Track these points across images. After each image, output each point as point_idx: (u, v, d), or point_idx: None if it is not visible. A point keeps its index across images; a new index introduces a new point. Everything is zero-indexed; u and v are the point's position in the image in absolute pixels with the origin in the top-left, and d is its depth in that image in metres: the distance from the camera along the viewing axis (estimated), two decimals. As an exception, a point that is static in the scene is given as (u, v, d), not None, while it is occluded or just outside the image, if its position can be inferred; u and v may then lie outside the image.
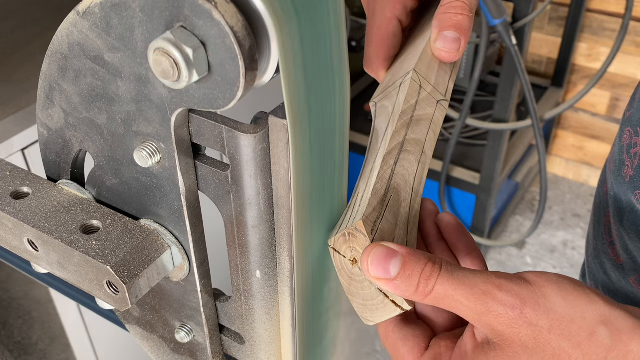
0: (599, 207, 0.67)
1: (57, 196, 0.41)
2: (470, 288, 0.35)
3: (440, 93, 0.46)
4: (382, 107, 0.46)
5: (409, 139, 0.43)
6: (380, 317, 0.39)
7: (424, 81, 0.46)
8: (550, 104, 2.24)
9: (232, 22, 0.28)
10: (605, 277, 0.64)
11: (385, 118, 0.44)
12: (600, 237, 0.66)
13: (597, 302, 0.34)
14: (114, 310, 0.47)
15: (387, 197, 0.40)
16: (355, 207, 0.40)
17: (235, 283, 0.42)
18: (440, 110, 0.46)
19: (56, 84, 0.38)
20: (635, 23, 2.12)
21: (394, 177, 0.41)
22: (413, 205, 0.42)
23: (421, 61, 0.46)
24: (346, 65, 0.36)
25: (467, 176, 1.98)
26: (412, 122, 0.43)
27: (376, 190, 0.39)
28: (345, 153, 0.40)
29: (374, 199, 0.39)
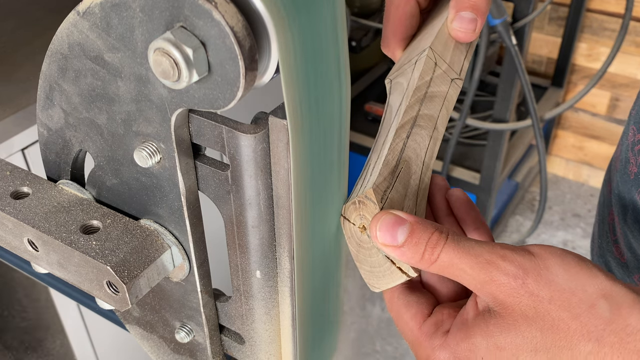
0: (603, 206, 0.67)
1: (57, 196, 0.41)
2: (475, 257, 0.36)
3: (454, 72, 0.47)
4: (397, 83, 0.47)
5: (422, 114, 0.44)
6: (387, 284, 0.40)
7: (439, 59, 0.46)
8: (550, 104, 2.24)
9: (232, 22, 0.28)
10: None
11: (399, 94, 0.45)
12: (604, 235, 0.66)
13: (598, 276, 0.35)
14: (114, 310, 0.47)
15: (398, 168, 0.41)
16: (367, 177, 0.41)
17: (235, 283, 0.42)
18: (454, 89, 0.47)
19: (56, 84, 0.38)
20: (635, 23, 2.12)
21: (406, 150, 0.42)
22: (423, 178, 0.43)
23: (437, 40, 0.47)
24: (346, 65, 0.36)
25: (467, 176, 1.98)
26: (426, 98, 0.44)
27: (387, 161, 0.40)
28: (346, 153, 0.40)
29: (385, 169, 0.40)
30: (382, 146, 0.42)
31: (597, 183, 2.50)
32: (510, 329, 0.35)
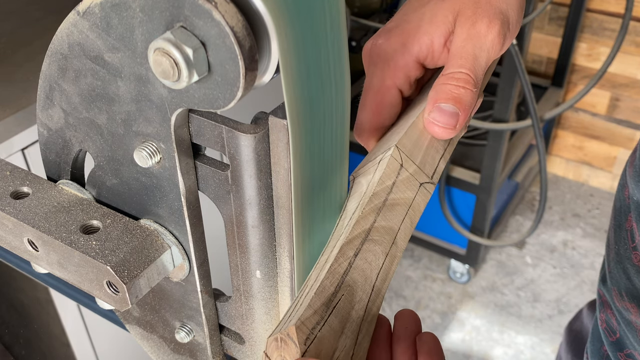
0: (620, 211, 0.67)
1: (57, 196, 0.41)
2: None
3: (425, 175, 0.41)
4: (358, 183, 0.40)
5: (377, 226, 0.37)
6: None
7: (406, 159, 0.40)
8: (550, 103, 2.24)
9: (232, 22, 0.28)
10: (628, 283, 0.63)
11: (356, 198, 0.39)
12: (622, 242, 0.65)
13: None
14: (114, 310, 0.47)
15: (337, 296, 0.34)
16: (298, 303, 0.34)
17: (235, 283, 0.42)
18: (422, 195, 0.40)
19: (56, 84, 0.38)
20: (635, 23, 2.12)
21: (351, 271, 0.35)
22: (370, 308, 0.35)
23: (407, 136, 0.41)
24: (346, 65, 0.36)
25: (467, 176, 1.98)
26: (385, 206, 0.38)
27: (323, 288, 0.33)
28: (346, 153, 0.39)
29: (318, 299, 0.33)
30: (323, 265, 0.35)
31: (597, 183, 2.51)
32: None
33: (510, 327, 1.99)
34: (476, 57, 0.42)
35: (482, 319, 2.02)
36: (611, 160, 2.44)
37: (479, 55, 0.42)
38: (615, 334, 0.67)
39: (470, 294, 2.10)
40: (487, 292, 2.10)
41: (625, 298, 0.63)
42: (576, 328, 0.95)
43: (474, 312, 2.04)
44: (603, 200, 2.45)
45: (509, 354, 1.91)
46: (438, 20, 0.43)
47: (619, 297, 0.65)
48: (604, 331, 0.69)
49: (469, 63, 0.42)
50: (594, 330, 0.74)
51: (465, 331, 1.98)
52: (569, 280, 2.13)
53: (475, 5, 0.43)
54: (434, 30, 0.43)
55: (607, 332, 0.69)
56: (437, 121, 0.41)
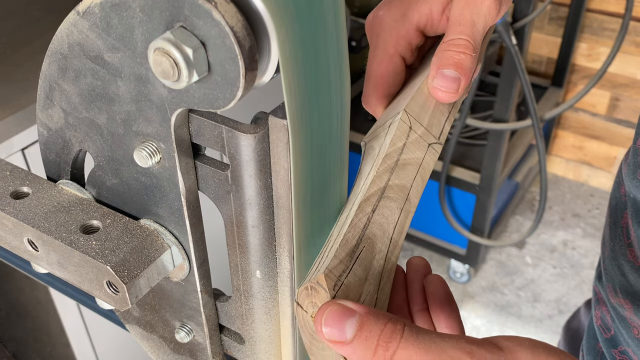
0: (615, 208, 0.67)
1: (57, 196, 0.41)
2: (438, 354, 0.31)
3: (433, 136, 0.43)
4: (370, 147, 0.43)
5: (392, 184, 0.40)
6: None
7: (414, 122, 0.42)
8: (550, 104, 2.24)
9: (232, 22, 0.28)
10: (623, 279, 0.63)
11: (370, 160, 0.41)
12: (617, 238, 0.65)
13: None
14: (114, 310, 0.47)
15: (359, 248, 0.37)
16: (324, 257, 0.37)
17: (235, 283, 0.42)
18: (431, 154, 0.42)
19: (56, 83, 0.38)
20: (635, 23, 2.12)
21: (370, 225, 0.38)
22: (389, 258, 0.38)
23: (414, 100, 0.43)
24: (346, 65, 0.36)
25: (467, 176, 1.98)
26: (398, 166, 0.40)
27: (346, 240, 0.36)
28: (346, 153, 0.39)
29: (342, 250, 0.36)
30: (344, 221, 0.38)
31: (597, 183, 2.51)
32: None
33: (510, 327, 1.99)
34: (474, 23, 0.44)
35: (482, 319, 2.02)
36: (611, 160, 2.44)
37: (476, 21, 0.44)
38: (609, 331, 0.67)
39: (470, 294, 2.10)
40: (487, 292, 2.10)
41: (619, 294, 0.63)
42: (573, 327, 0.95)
43: (474, 312, 2.04)
44: (603, 200, 2.45)
45: (509, 354, 1.91)
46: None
47: (613, 294, 0.65)
48: (599, 328, 0.70)
49: (467, 29, 0.44)
50: (589, 328, 0.74)
51: (466, 331, 1.98)
52: (569, 280, 2.13)
53: None
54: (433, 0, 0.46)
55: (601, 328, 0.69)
56: (441, 86, 0.43)
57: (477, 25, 0.44)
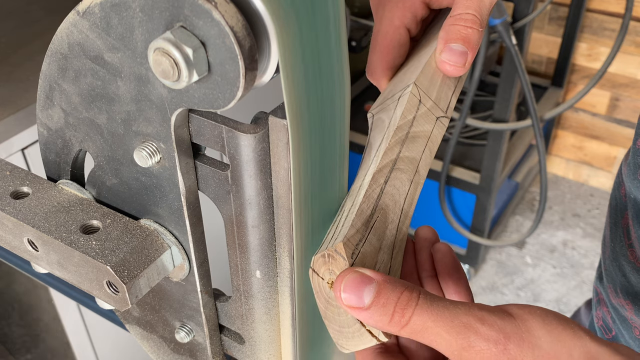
0: (616, 209, 0.67)
1: (57, 196, 0.41)
2: (451, 320, 0.33)
3: (440, 109, 0.44)
4: (379, 119, 0.44)
5: (402, 156, 0.41)
6: (356, 346, 0.37)
7: (424, 96, 0.43)
8: (550, 103, 2.24)
9: (232, 22, 0.28)
10: (624, 280, 0.63)
11: (380, 132, 0.42)
12: (618, 239, 0.65)
13: (583, 337, 0.33)
14: (114, 310, 0.47)
15: (373, 218, 0.38)
16: (339, 226, 0.38)
17: (235, 283, 0.42)
18: (439, 128, 0.43)
19: (56, 83, 0.38)
20: (635, 23, 2.12)
21: (383, 196, 0.39)
22: (401, 228, 0.39)
23: (423, 74, 0.44)
24: (346, 65, 0.36)
25: (467, 176, 1.98)
26: (408, 138, 0.41)
27: (362, 210, 0.37)
28: (346, 153, 0.39)
29: (358, 220, 0.37)
30: (357, 191, 0.39)
31: (597, 183, 2.51)
32: None
33: (510, 327, 1.98)
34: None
35: (482, 319, 2.01)
36: (611, 160, 2.44)
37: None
38: (610, 332, 0.67)
39: (470, 294, 2.10)
40: (487, 292, 2.10)
41: (620, 295, 0.63)
42: None
43: (474, 312, 2.04)
44: (603, 200, 2.45)
45: (509, 354, 1.91)
46: None
47: (614, 294, 0.65)
48: (600, 328, 0.69)
49: (475, 4, 0.45)
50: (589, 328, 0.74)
51: (465, 331, 1.98)
52: (569, 280, 2.13)
53: None
54: None
55: (602, 329, 0.69)
56: (449, 60, 0.44)
57: (484, 0, 0.45)
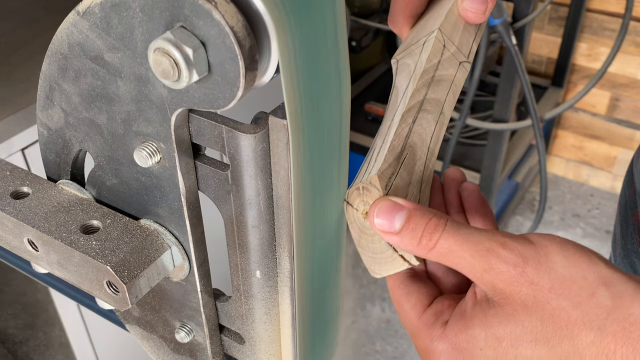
0: (626, 207, 0.67)
1: (57, 196, 0.41)
2: (474, 245, 0.35)
3: (463, 54, 0.47)
4: (404, 64, 0.46)
5: (428, 98, 0.43)
6: (388, 271, 0.40)
7: (447, 41, 0.46)
8: (550, 104, 2.24)
9: (232, 22, 0.28)
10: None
11: (406, 76, 0.45)
12: (629, 236, 0.65)
13: (598, 263, 0.34)
14: (114, 310, 0.47)
15: (403, 154, 0.40)
16: (371, 162, 0.40)
17: (235, 283, 0.42)
18: (462, 72, 0.46)
19: (56, 83, 0.38)
20: (635, 23, 2.12)
21: (411, 135, 0.41)
22: (428, 165, 0.42)
23: (446, 21, 0.46)
24: (346, 65, 0.36)
25: (467, 176, 1.97)
26: (433, 81, 0.44)
27: (393, 147, 0.40)
28: (346, 152, 0.40)
29: (390, 155, 0.40)
30: (387, 130, 0.42)
31: (597, 183, 2.50)
32: (510, 319, 0.35)
33: (510, 327, 1.98)
34: None
35: (482, 319, 2.01)
36: (611, 160, 2.44)
37: None
38: None
39: (470, 294, 2.10)
40: (487, 292, 2.10)
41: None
42: None
43: (474, 312, 2.04)
44: (603, 200, 2.45)
45: (509, 354, 1.91)
46: None
47: None
48: None
49: None
50: None
51: (465, 331, 1.98)
52: (569, 280, 2.13)
53: None
54: None
55: None
56: (471, 7, 0.46)
57: None
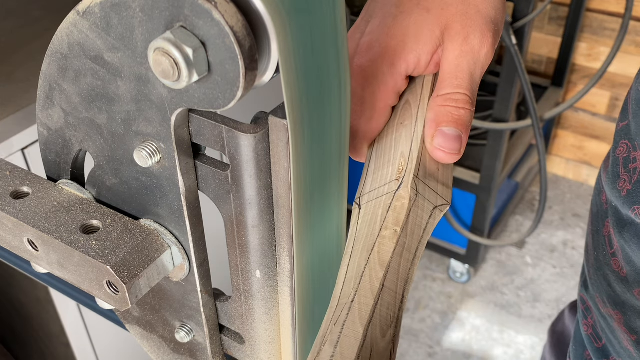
0: (597, 216, 0.65)
1: (57, 196, 0.41)
2: None
3: (441, 197, 0.41)
4: (370, 212, 0.40)
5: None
6: None
7: (420, 185, 0.40)
8: (550, 103, 2.24)
9: (232, 22, 0.28)
10: (609, 290, 0.62)
11: (371, 225, 0.39)
12: (601, 248, 0.64)
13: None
14: (114, 310, 0.47)
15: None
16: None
17: (235, 283, 0.42)
18: (435, 217, 0.40)
19: (56, 83, 0.38)
20: (635, 23, 2.12)
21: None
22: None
23: (418, 162, 0.40)
24: (347, 65, 0.36)
25: (467, 176, 1.98)
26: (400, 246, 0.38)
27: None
28: (346, 153, 0.39)
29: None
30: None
31: (597, 183, 2.50)
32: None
33: (510, 327, 1.99)
34: (472, 75, 0.41)
35: (482, 319, 2.02)
36: (611, 160, 2.44)
37: (474, 72, 0.41)
38: (600, 341, 0.66)
39: (470, 293, 2.10)
40: (487, 292, 2.10)
41: (608, 305, 0.62)
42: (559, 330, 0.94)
43: (474, 311, 2.04)
44: (603, 200, 2.45)
45: (509, 354, 1.91)
46: (424, 36, 0.42)
47: (602, 304, 0.64)
48: (590, 337, 0.68)
49: (465, 82, 0.41)
50: (576, 335, 0.73)
51: (465, 331, 1.98)
52: (569, 280, 2.13)
53: (464, 17, 0.41)
54: (421, 47, 0.42)
55: (592, 338, 0.68)
56: (443, 147, 0.40)
57: (474, 77, 0.41)
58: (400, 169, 0.40)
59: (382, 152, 0.43)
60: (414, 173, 0.39)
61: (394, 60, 0.42)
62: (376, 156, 0.43)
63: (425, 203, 0.39)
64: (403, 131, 0.43)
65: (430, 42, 0.42)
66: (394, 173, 0.40)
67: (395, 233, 0.37)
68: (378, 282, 0.36)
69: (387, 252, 0.37)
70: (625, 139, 0.57)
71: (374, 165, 0.43)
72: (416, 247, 0.38)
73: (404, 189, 0.38)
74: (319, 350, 0.34)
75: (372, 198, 0.40)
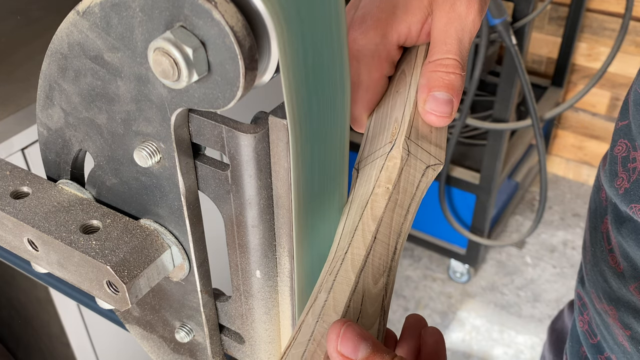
0: (595, 213, 0.66)
1: (57, 196, 0.41)
2: None
3: (433, 157, 0.42)
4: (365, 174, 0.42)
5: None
6: None
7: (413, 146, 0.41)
8: (550, 103, 2.24)
9: (232, 22, 0.28)
10: (605, 285, 0.63)
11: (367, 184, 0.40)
12: (598, 244, 0.64)
13: None
14: (114, 310, 0.47)
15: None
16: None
17: (235, 283, 0.42)
18: (428, 176, 0.42)
19: (56, 83, 0.38)
20: (635, 23, 2.12)
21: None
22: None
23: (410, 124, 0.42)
24: (347, 65, 0.36)
25: (467, 176, 1.98)
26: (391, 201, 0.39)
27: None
28: (346, 152, 0.39)
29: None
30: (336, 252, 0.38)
31: (597, 183, 2.50)
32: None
33: (510, 327, 1.99)
34: (460, 40, 0.43)
35: (482, 319, 2.02)
36: (611, 160, 2.44)
37: (462, 38, 0.43)
38: (595, 337, 0.66)
39: (470, 293, 2.10)
40: (487, 292, 2.10)
41: (603, 300, 0.63)
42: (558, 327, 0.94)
43: (474, 312, 2.04)
44: (603, 200, 2.44)
45: (509, 354, 1.91)
46: (413, 6, 0.44)
47: (597, 300, 0.64)
48: (585, 333, 0.69)
49: (455, 48, 0.43)
50: (572, 331, 0.73)
51: (465, 331, 1.98)
52: (569, 280, 2.13)
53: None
54: (410, 17, 0.44)
55: (587, 334, 0.68)
56: (434, 110, 0.42)
57: (463, 42, 0.43)
58: (394, 133, 0.42)
59: (379, 120, 0.45)
60: (405, 135, 0.41)
61: (386, 31, 0.44)
62: (374, 124, 0.45)
63: (418, 162, 0.41)
64: (398, 98, 0.44)
65: (419, 12, 0.44)
66: (387, 137, 0.42)
67: (387, 190, 0.39)
68: (370, 234, 0.38)
69: (379, 208, 0.39)
70: (624, 139, 0.57)
71: (372, 132, 0.44)
72: (409, 203, 0.40)
73: (396, 150, 0.40)
74: (315, 298, 0.36)
75: (368, 162, 0.42)
